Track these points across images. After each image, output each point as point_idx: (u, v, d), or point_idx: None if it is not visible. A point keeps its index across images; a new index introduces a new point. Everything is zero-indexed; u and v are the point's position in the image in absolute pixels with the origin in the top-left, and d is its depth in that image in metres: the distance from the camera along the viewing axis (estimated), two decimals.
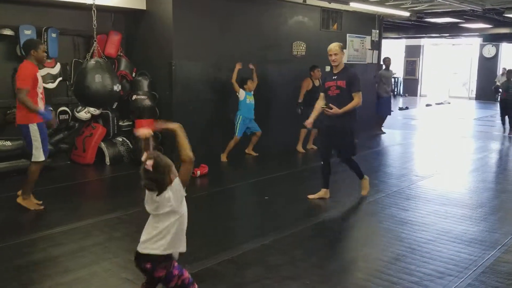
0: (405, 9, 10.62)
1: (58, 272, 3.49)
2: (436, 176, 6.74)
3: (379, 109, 10.58)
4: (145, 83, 7.17)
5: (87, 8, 6.05)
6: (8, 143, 6.11)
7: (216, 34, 7.53)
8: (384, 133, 10.67)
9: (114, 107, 7.27)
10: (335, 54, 5.19)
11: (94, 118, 7.17)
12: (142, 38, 7.47)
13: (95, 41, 5.87)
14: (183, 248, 2.60)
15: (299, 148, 8.37)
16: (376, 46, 10.96)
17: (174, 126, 2.60)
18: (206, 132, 7.46)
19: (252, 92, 7.50)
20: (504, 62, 19.93)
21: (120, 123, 7.35)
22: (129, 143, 7.26)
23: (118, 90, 5.82)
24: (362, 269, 3.64)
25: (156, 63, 7.21)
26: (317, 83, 8.06)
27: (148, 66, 7.30)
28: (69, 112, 7.02)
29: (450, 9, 10.78)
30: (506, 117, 11.06)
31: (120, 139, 7.26)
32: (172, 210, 2.51)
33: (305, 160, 8.02)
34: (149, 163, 2.50)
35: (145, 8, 7.26)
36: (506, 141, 10.02)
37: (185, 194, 2.55)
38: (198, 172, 6.33)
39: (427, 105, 18.10)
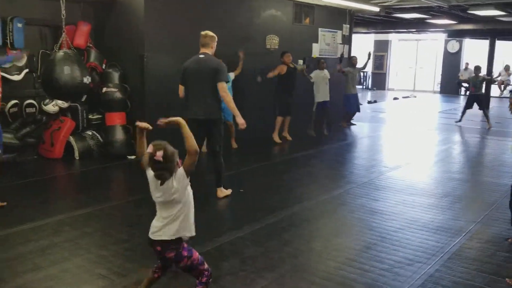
0: (375, 4, 10.82)
1: (28, 269, 3.41)
2: (404, 167, 6.93)
3: (347, 105, 10.77)
4: (115, 75, 7.06)
5: None
6: None
7: (190, 26, 7.46)
8: (355, 124, 10.88)
9: (83, 99, 7.12)
10: None
11: (62, 111, 7.01)
12: (112, 29, 7.34)
13: (63, 31, 5.74)
14: (190, 232, 2.76)
15: (275, 137, 8.46)
16: (347, 40, 11.13)
17: (177, 120, 2.71)
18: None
19: (232, 77, 7.50)
20: (467, 57, 20.60)
21: (90, 117, 7.22)
22: (99, 137, 7.14)
23: (87, 82, 5.73)
24: (335, 258, 3.72)
25: (128, 55, 7.11)
26: (291, 66, 8.24)
27: (119, 58, 7.18)
28: (36, 105, 6.83)
29: (417, 5, 11.05)
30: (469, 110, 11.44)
31: (90, 133, 7.14)
32: (177, 198, 2.63)
33: (279, 150, 8.12)
34: (159, 154, 2.54)
35: None
36: (469, 133, 10.38)
37: (188, 183, 2.69)
38: None
39: (395, 99, 18.50)
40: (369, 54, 10.67)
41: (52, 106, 6.88)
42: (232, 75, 7.45)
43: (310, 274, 3.46)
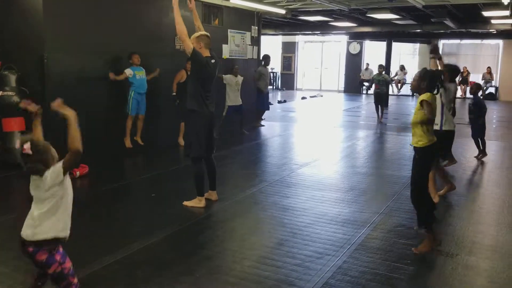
0: (281, 7, 11.18)
1: None
2: (312, 164, 7.24)
3: (259, 104, 11.02)
4: (12, 78, 6.54)
5: None
6: None
7: (95, 24, 7.14)
8: (263, 125, 11.13)
9: None
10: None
11: None
12: (7, 28, 6.78)
13: None
14: (65, 232, 2.59)
15: (181, 140, 8.42)
16: (256, 42, 11.35)
17: (69, 113, 2.51)
18: (87, 128, 7.06)
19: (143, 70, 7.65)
20: (367, 58, 22.02)
21: None
22: None
23: None
24: (250, 256, 3.80)
25: (26, 55, 6.62)
26: None
27: (16, 59, 6.65)
28: None
29: (320, 8, 11.60)
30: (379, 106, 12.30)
31: None
32: (52, 194, 2.50)
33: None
34: (26, 146, 2.44)
35: None
36: (371, 129, 11.12)
37: (64, 180, 2.53)
38: (78, 173, 5.99)
39: (303, 98, 19.23)
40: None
41: None
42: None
43: (226, 274, 3.49)
